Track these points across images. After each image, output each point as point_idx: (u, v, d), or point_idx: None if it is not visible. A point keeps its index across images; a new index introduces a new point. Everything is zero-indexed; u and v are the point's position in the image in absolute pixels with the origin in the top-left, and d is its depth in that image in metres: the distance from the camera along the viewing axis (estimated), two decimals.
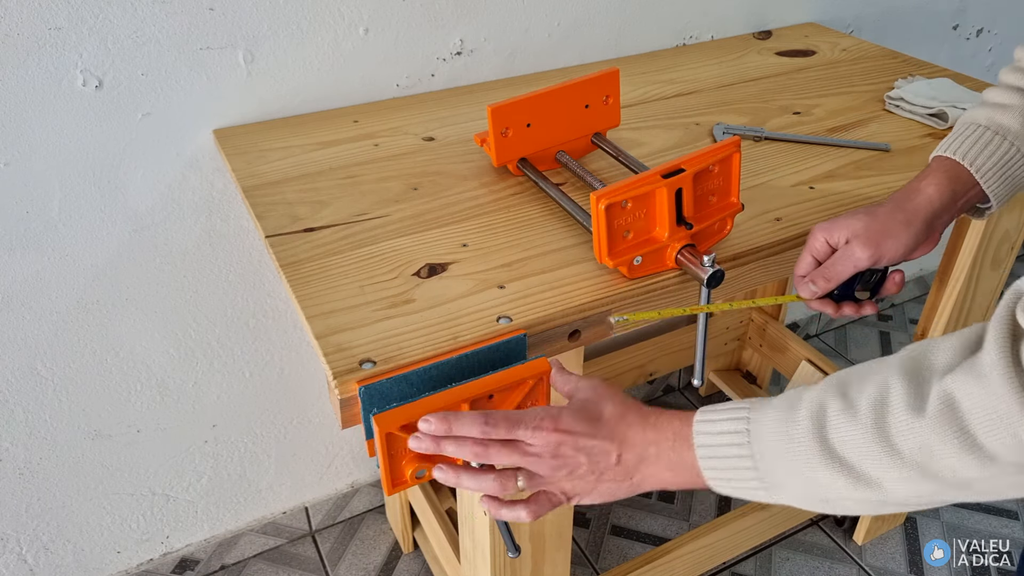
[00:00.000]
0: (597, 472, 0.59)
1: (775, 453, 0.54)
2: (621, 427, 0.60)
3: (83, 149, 0.97)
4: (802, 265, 0.75)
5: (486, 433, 0.59)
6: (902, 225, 0.71)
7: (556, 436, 0.58)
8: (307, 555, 1.45)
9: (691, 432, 0.58)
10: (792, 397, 0.55)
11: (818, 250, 0.74)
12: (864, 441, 0.49)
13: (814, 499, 0.54)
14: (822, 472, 0.51)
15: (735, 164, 0.76)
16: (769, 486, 0.55)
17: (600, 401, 0.61)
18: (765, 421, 0.54)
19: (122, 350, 1.13)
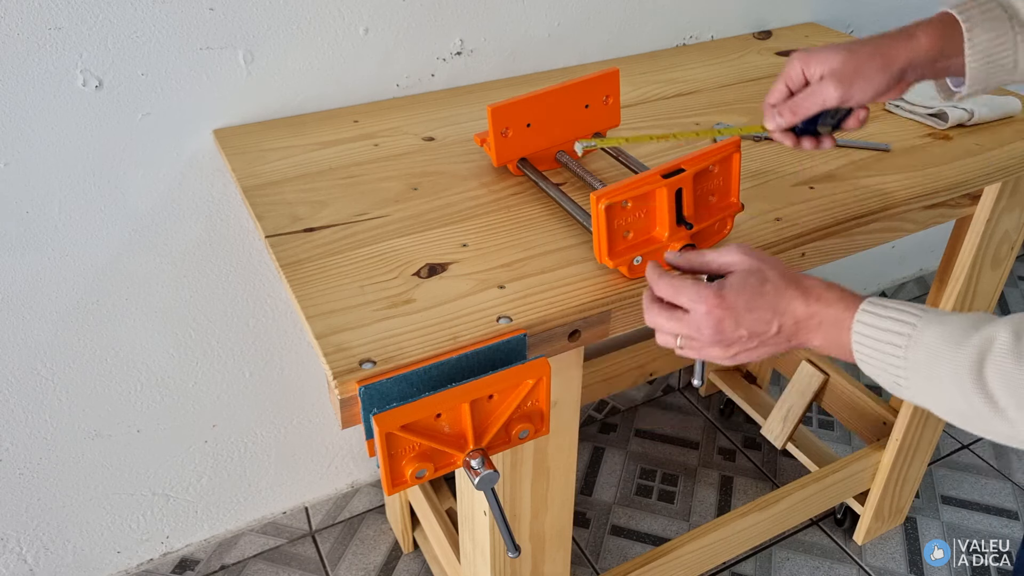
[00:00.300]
0: (756, 341, 0.63)
1: (930, 365, 0.56)
2: (783, 301, 0.62)
3: (83, 149, 0.97)
4: (774, 93, 0.76)
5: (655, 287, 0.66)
6: (877, 70, 0.71)
7: (719, 312, 0.62)
8: (307, 555, 1.45)
9: (852, 322, 0.60)
10: (971, 323, 0.56)
11: (793, 79, 0.74)
12: (1019, 384, 0.52)
13: (949, 412, 0.57)
14: (967, 394, 0.54)
15: (735, 164, 0.76)
16: (911, 386, 0.58)
17: (760, 272, 0.64)
18: (932, 335, 0.57)
19: (122, 350, 1.13)
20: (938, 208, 0.95)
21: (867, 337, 0.60)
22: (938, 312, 0.59)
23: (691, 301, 0.63)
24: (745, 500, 1.56)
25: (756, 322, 0.63)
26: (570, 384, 0.80)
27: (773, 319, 0.63)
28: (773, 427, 1.52)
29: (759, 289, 0.63)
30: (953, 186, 0.91)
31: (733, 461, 1.66)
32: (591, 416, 1.75)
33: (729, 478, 1.62)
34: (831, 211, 0.86)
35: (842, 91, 0.71)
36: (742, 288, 0.63)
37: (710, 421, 1.75)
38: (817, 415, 1.77)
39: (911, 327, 0.58)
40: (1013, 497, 1.58)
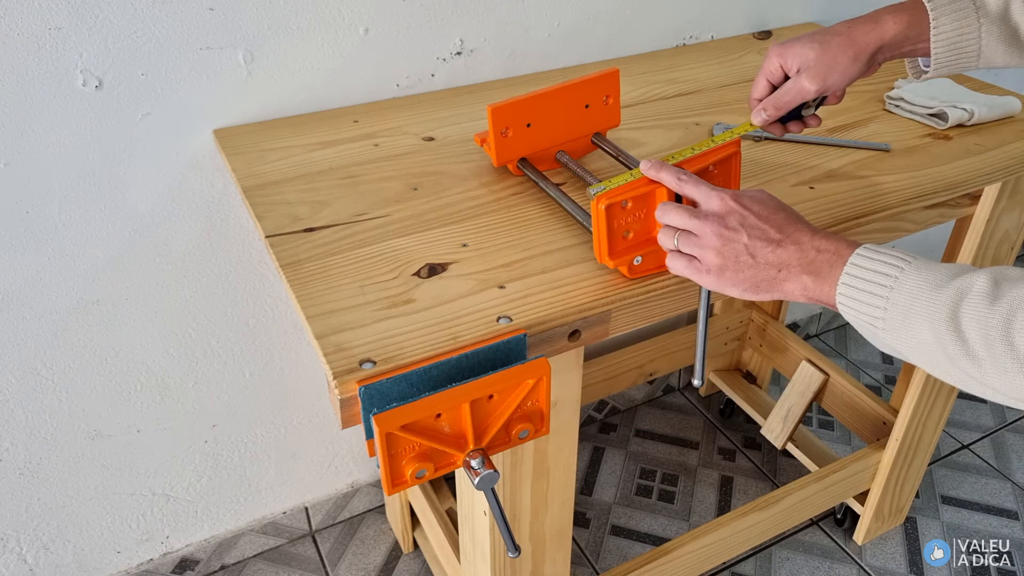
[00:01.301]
0: (748, 253, 0.65)
1: (908, 306, 0.58)
2: (791, 228, 0.65)
3: (83, 149, 0.97)
4: (758, 88, 0.81)
5: (679, 188, 0.68)
6: (850, 60, 0.76)
7: (732, 204, 0.65)
8: (307, 555, 1.45)
9: (850, 256, 0.62)
10: (954, 271, 0.58)
11: (772, 73, 0.80)
12: (989, 326, 0.54)
13: (921, 356, 0.59)
14: (940, 334, 0.56)
15: (735, 164, 0.76)
16: (888, 328, 0.60)
17: (779, 202, 0.67)
18: (916, 278, 0.59)
19: (122, 350, 1.13)
20: (938, 208, 0.95)
21: (855, 278, 0.61)
22: (926, 260, 0.61)
23: (710, 191, 0.66)
24: (745, 500, 1.56)
25: (759, 234, 0.65)
26: (570, 384, 0.80)
27: (773, 240, 0.64)
28: (773, 427, 1.52)
29: (774, 210, 0.66)
30: (953, 186, 0.91)
31: (733, 461, 1.66)
32: (591, 416, 1.75)
33: (729, 478, 1.62)
34: (831, 211, 0.86)
35: (819, 84, 0.77)
36: (760, 201, 0.66)
37: (710, 421, 1.75)
38: (817, 415, 1.77)
39: (899, 270, 0.60)
40: (1013, 497, 1.58)
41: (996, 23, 0.77)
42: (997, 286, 0.55)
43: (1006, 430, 1.74)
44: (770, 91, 0.81)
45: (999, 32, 0.77)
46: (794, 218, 0.66)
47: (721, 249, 0.65)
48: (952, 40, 0.77)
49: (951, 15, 0.76)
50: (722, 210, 0.65)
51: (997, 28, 0.77)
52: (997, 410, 1.80)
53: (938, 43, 0.77)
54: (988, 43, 0.78)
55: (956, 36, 0.77)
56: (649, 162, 0.70)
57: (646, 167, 0.70)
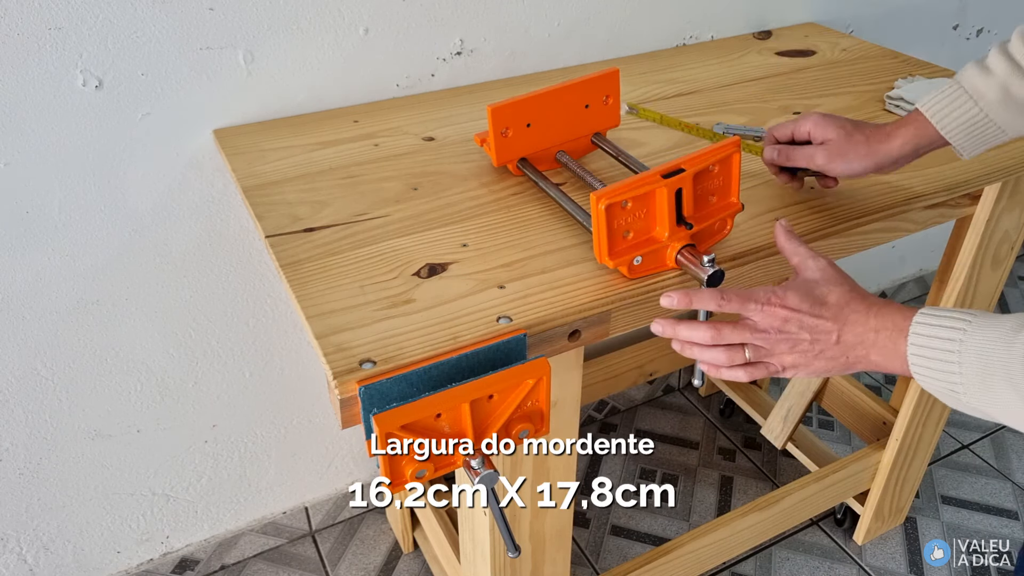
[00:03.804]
0: (817, 350, 0.65)
1: (983, 368, 0.57)
2: (846, 311, 0.65)
3: (83, 149, 0.97)
4: (783, 132, 0.86)
5: (721, 307, 0.66)
6: (862, 158, 0.82)
7: (784, 312, 0.65)
8: (307, 555, 1.45)
9: (909, 327, 0.62)
10: (1019, 322, 0.57)
11: (802, 134, 0.84)
12: None
13: (1010, 416, 0.57)
14: (1021, 389, 0.55)
15: (735, 164, 0.76)
16: (968, 392, 0.59)
17: (827, 284, 0.67)
18: (982, 338, 0.58)
19: (122, 350, 1.13)
20: (938, 208, 0.95)
21: (922, 347, 0.61)
22: (988, 315, 0.60)
23: (757, 305, 0.66)
24: (745, 500, 1.56)
25: (819, 330, 0.65)
26: (570, 384, 0.80)
27: (832, 331, 0.65)
28: (773, 427, 1.52)
29: (822, 298, 0.66)
30: (953, 186, 0.91)
31: (733, 461, 1.66)
32: (591, 416, 1.75)
33: (729, 478, 1.62)
34: (831, 211, 0.86)
35: (826, 162, 0.82)
36: (804, 294, 0.66)
37: (710, 421, 1.75)
38: (817, 415, 1.77)
39: (962, 332, 0.59)
40: (1013, 497, 1.58)
41: (1000, 104, 0.79)
42: None
43: (1006, 430, 1.74)
44: (789, 141, 0.86)
45: (1010, 111, 0.80)
46: (844, 297, 0.66)
47: (792, 352, 0.66)
48: (966, 131, 0.81)
49: (952, 115, 0.80)
50: (779, 320, 0.65)
51: (1003, 109, 0.79)
52: None
53: (955, 138, 0.81)
54: (1005, 121, 0.80)
55: (968, 128, 0.81)
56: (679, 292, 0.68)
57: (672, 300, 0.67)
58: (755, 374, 0.68)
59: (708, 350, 0.68)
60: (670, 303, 0.67)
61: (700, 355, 0.69)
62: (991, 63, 0.80)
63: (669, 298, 0.67)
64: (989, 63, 0.80)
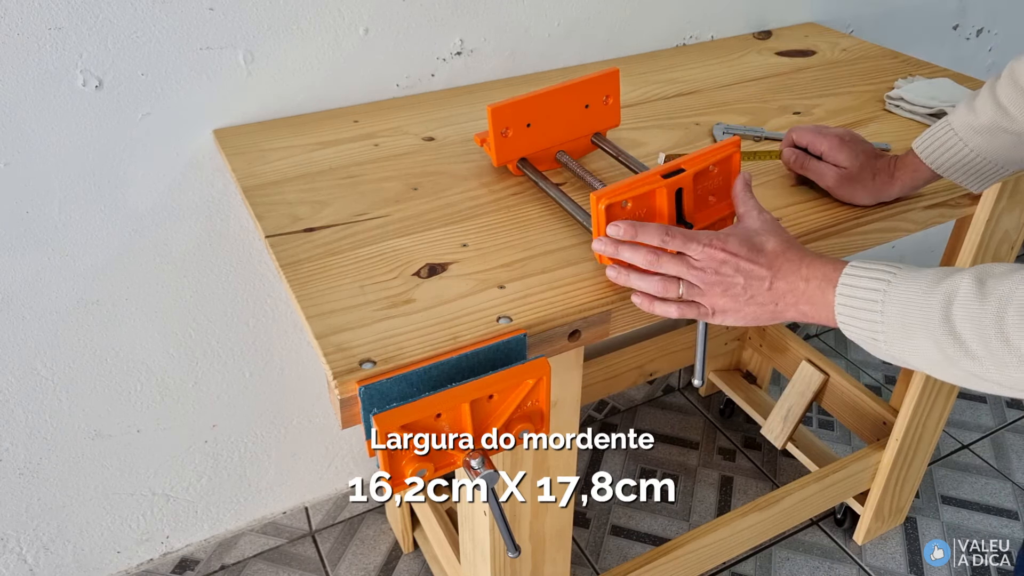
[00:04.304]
0: (748, 294, 0.68)
1: (903, 316, 0.60)
2: (780, 260, 0.68)
3: (83, 149, 0.97)
4: (802, 139, 0.89)
5: (664, 243, 0.68)
6: (867, 194, 0.86)
7: (722, 255, 0.67)
8: (307, 555, 1.45)
9: (838, 278, 0.65)
10: (938, 275, 0.60)
11: (817, 151, 0.87)
12: (982, 324, 0.56)
13: (925, 361, 0.60)
14: (937, 339, 0.58)
15: (735, 164, 0.76)
16: (889, 340, 0.62)
17: (765, 234, 0.69)
18: (904, 288, 0.61)
19: (122, 350, 1.13)
20: (938, 208, 0.95)
21: (848, 297, 0.64)
22: (913, 268, 0.62)
23: (699, 245, 0.67)
24: (745, 500, 1.56)
25: (753, 274, 0.67)
26: (570, 384, 0.80)
27: (765, 277, 0.67)
28: (773, 427, 1.52)
29: (759, 246, 0.68)
30: (953, 186, 0.91)
31: (733, 461, 1.66)
32: (591, 416, 1.75)
33: (729, 478, 1.62)
34: (831, 211, 0.86)
35: (835, 186, 0.86)
36: (744, 240, 0.68)
37: (710, 421, 1.75)
38: (817, 415, 1.77)
39: (886, 283, 0.62)
40: (1013, 497, 1.58)
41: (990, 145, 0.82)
42: (982, 284, 0.57)
43: (1006, 430, 1.74)
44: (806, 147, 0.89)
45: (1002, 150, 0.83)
46: (780, 246, 0.68)
47: (724, 295, 0.68)
48: (962, 169, 0.85)
49: (945, 155, 0.84)
50: (716, 261, 0.67)
51: (994, 149, 0.82)
52: (997, 410, 1.80)
53: (953, 176, 0.86)
54: (999, 158, 0.83)
55: (963, 166, 0.85)
56: (626, 223, 0.69)
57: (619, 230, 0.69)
58: (686, 312, 0.70)
59: (645, 277, 0.69)
60: (616, 231, 0.69)
61: (636, 282, 0.70)
62: (979, 106, 0.83)
63: (616, 227, 0.69)
64: (977, 105, 0.83)
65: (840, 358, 1.96)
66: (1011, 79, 0.80)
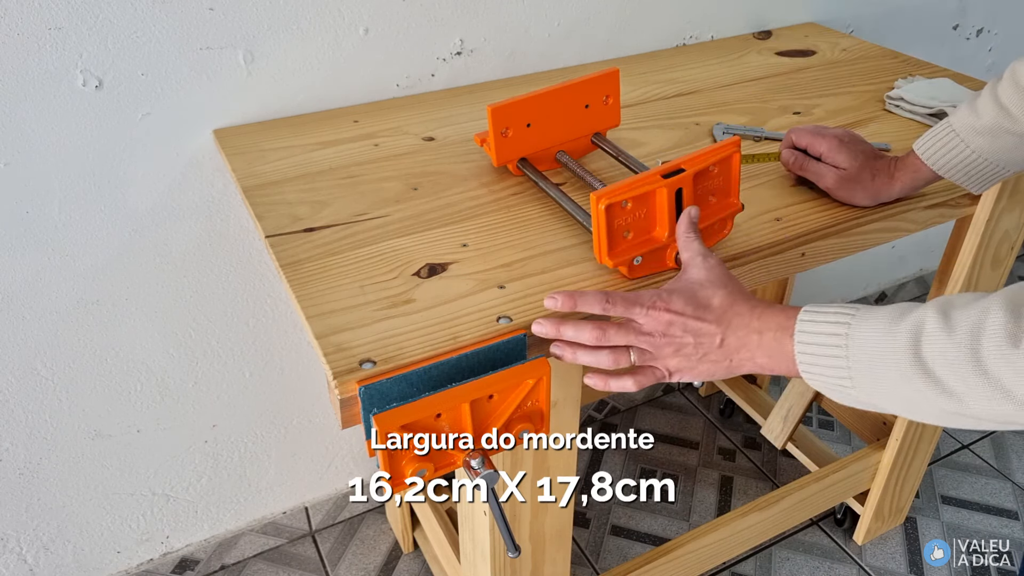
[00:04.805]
0: (700, 353, 0.65)
1: (870, 359, 0.57)
2: (728, 314, 0.65)
3: (83, 149, 0.97)
4: (801, 140, 0.89)
5: (606, 310, 0.65)
6: (866, 195, 0.86)
7: (668, 316, 0.65)
8: (307, 555, 1.45)
9: (794, 327, 0.62)
10: (897, 312, 0.58)
11: (816, 152, 0.87)
12: (956, 358, 0.53)
13: (899, 403, 0.58)
14: (910, 379, 0.55)
15: (735, 164, 0.76)
16: (857, 386, 0.59)
17: (711, 286, 0.66)
18: (866, 330, 0.58)
19: (122, 350, 1.13)
20: (938, 208, 0.95)
21: (808, 344, 0.61)
22: (867, 308, 0.60)
23: (641, 308, 0.65)
24: (745, 500, 1.56)
25: (702, 332, 0.65)
26: (570, 384, 0.80)
27: (715, 334, 0.65)
28: (773, 427, 1.52)
29: (705, 301, 0.65)
30: (953, 186, 0.91)
31: (733, 461, 1.66)
32: (591, 416, 1.75)
33: (729, 478, 1.62)
34: (831, 211, 0.86)
35: (834, 187, 0.86)
36: (687, 297, 0.66)
37: (710, 421, 1.75)
38: (817, 415, 1.77)
39: (846, 326, 0.59)
40: (1013, 497, 1.58)
41: (991, 146, 0.82)
42: (947, 317, 0.54)
43: (1006, 430, 1.74)
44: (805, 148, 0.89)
45: (1003, 151, 0.82)
46: (727, 300, 0.65)
47: (676, 356, 0.66)
48: (963, 170, 0.85)
49: (946, 156, 0.84)
50: (663, 323, 0.65)
51: (996, 150, 0.82)
52: None
53: (954, 177, 0.86)
54: (1000, 159, 0.83)
55: (964, 167, 0.84)
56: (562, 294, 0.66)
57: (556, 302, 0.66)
58: (643, 382, 0.67)
59: (593, 352, 0.66)
60: (554, 304, 0.66)
61: (585, 358, 0.67)
62: (980, 107, 0.82)
63: (553, 299, 0.66)
64: (978, 107, 0.82)
65: None
66: (1013, 80, 0.80)
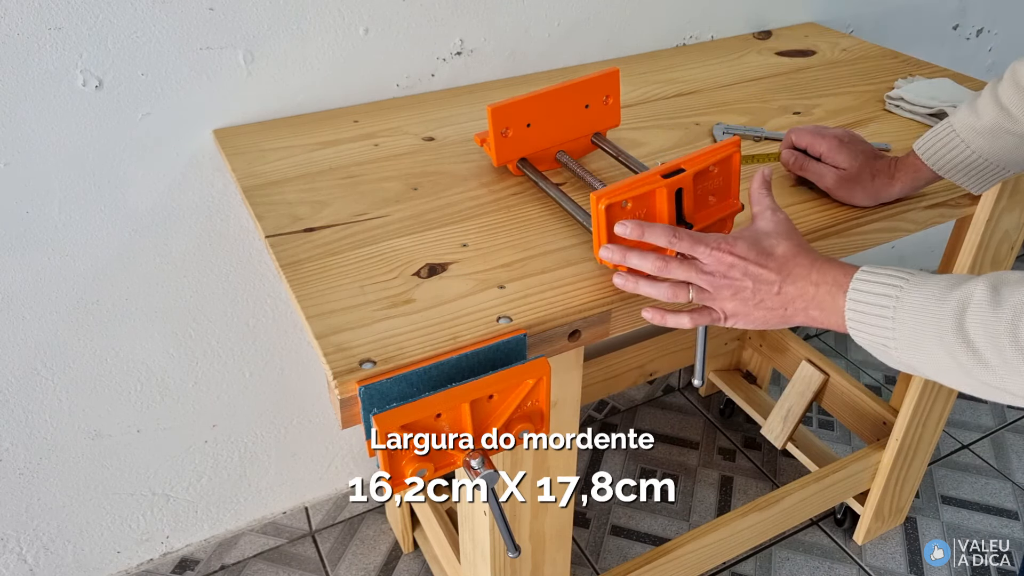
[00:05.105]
0: (757, 298, 0.67)
1: (915, 323, 0.59)
2: (790, 264, 0.66)
3: (83, 149, 0.97)
4: (801, 140, 0.89)
5: (671, 244, 0.67)
6: (866, 195, 0.86)
7: (730, 258, 0.66)
8: (307, 555, 1.45)
9: (849, 284, 0.64)
10: (952, 282, 0.59)
11: (816, 152, 0.87)
12: (996, 332, 0.54)
13: (937, 369, 0.59)
14: (950, 347, 0.57)
15: (735, 164, 0.76)
16: (900, 347, 0.60)
17: (776, 236, 0.68)
18: (917, 296, 0.60)
19: (122, 350, 1.13)
20: (938, 208, 0.95)
21: (859, 303, 0.63)
22: (925, 275, 0.61)
23: (707, 248, 0.67)
24: (745, 500, 1.56)
25: (762, 279, 0.66)
26: (570, 384, 0.80)
27: (774, 282, 0.66)
28: (773, 427, 1.52)
29: (769, 249, 0.67)
30: (953, 186, 0.91)
31: (733, 461, 1.66)
32: (591, 416, 1.75)
33: (729, 478, 1.62)
34: (831, 211, 0.86)
35: (834, 187, 0.86)
36: (752, 243, 0.67)
37: (710, 421, 1.75)
38: (817, 415, 1.77)
39: (899, 289, 0.61)
40: (1013, 497, 1.58)
41: (992, 146, 0.82)
42: (997, 291, 0.56)
43: (1006, 430, 1.74)
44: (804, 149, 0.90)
45: (1004, 151, 0.82)
46: (790, 251, 0.67)
47: (733, 299, 0.67)
48: (963, 171, 0.85)
49: (946, 156, 0.84)
50: (725, 265, 0.66)
51: (996, 150, 0.82)
52: (997, 410, 1.80)
53: (954, 177, 0.86)
54: (1001, 159, 0.83)
55: (965, 167, 0.85)
56: (633, 222, 0.68)
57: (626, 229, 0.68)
58: (698, 320, 0.69)
59: (654, 284, 0.68)
60: (623, 231, 0.68)
61: (646, 288, 0.69)
62: (981, 107, 0.82)
63: (624, 226, 0.68)
64: (979, 107, 0.83)
65: (840, 358, 1.96)
66: (1013, 80, 0.80)
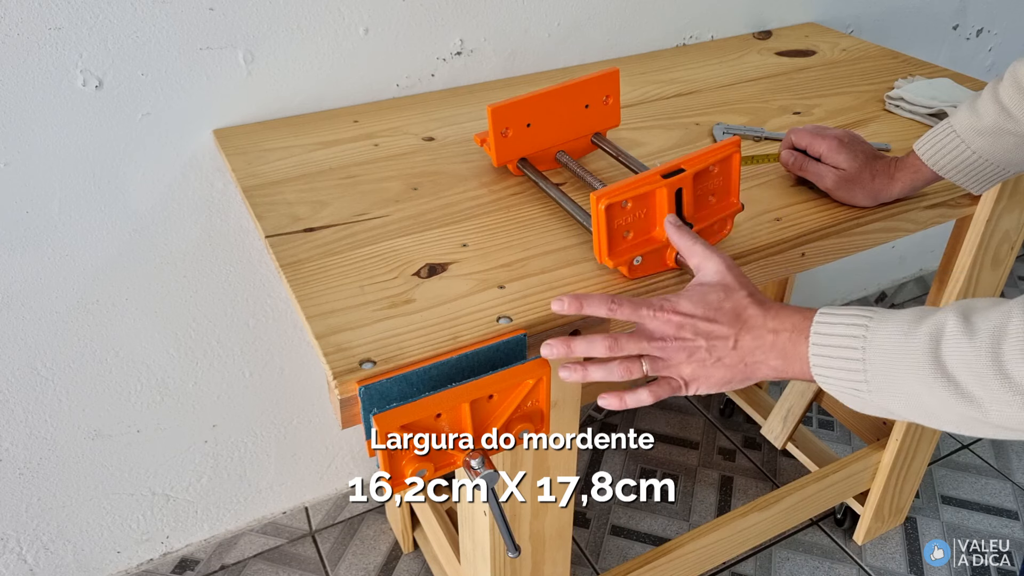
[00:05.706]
0: (714, 357, 0.63)
1: (887, 362, 0.56)
2: (743, 315, 0.63)
3: (83, 149, 0.97)
4: (800, 141, 0.89)
5: (612, 312, 0.64)
6: (865, 195, 0.86)
7: (677, 318, 0.63)
8: (307, 555, 1.45)
9: (809, 328, 0.60)
10: (917, 315, 0.56)
11: (815, 152, 0.87)
12: (977, 363, 0.51)
13: (916, 409, 0.56)
14: (929, 384, 0.53)
15: (735, 164, 0.76)
16: (873, 390, 0.57)
17: (722, 287, 0.64)
18: (884, 333, 0.56)
19: (122, 350, 1.13)
20: (938, 208, 0.95)
21: (824, 347, 0.59)
22: (886, 311, 0.58)
23: (647, 311, 0.63)
24: (745, 500, 1.56)
25: (715, 334, 0.62)
26: (570, 384, 0.80)
27: (728, 336, 0.62)
28: (773, 427, 1.52)
29: (716, 303, 0.63)
30: (953, 186, 0.91)
31: (733, 461, 1.66)
32: (591, 416, 1.75)
33: (729, 478, 1.62)
34: (831, 211, 0.86)
35: (833, 188, 0.86)
36: (697, 299, 0.64)
37: (710, 421, 1.75)
38: (817, 415, 1.77)
39: (864, 328, 0.57)
40: (1013, 497, 1.58)
41: (992, 147, 0.82)
42: (968, 320, 0.53)
43: None
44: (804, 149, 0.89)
45: (1004, 152, 0.82)
46: (740, 301, 0.63)
47: (689, 362, 0.63)
48: (963, 171, 0.85)
49: (946, 156, 0.84)
50: (673, 326, 0.63)
51: (996, 150, 0.82)
52: None
53: (954, 177, 0.86)
54: (1001, 160, 0.83)
55: (965, 167, 0.84)
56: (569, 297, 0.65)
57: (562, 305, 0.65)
58: (658, 392, 0.64)
59: (604, 366, 0.64)
60: (560, 307, 0.64)
61: (596, 374, 0.65)
62: (981, 108, 0.82)
63: (560, 302, 0.64)
64: (979, 107, 0.82)
65: None
66: (1013, 81, 0.80)
